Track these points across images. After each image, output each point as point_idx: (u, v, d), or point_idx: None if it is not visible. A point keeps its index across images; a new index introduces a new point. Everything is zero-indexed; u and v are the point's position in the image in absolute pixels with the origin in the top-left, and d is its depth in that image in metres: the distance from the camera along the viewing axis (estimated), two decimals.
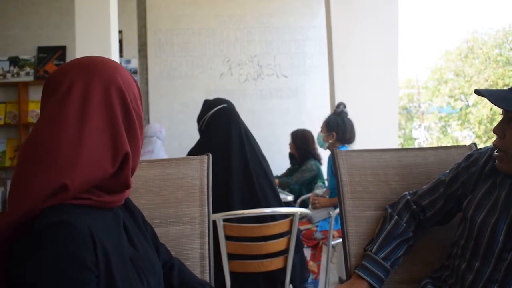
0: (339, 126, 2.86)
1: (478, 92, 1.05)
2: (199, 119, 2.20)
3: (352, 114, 2.95)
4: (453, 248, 1.18)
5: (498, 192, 1.08)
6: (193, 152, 2.09)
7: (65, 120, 0.71)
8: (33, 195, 0.66)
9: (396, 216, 1.25)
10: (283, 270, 1.96)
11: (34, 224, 0.65)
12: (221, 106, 2.15)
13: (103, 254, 0.69)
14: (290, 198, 2.97)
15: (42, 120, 0.73)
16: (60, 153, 0.68)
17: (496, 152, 1.08)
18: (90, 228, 0.68)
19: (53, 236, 0.64)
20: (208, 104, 2.19)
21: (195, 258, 1.22)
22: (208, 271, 1.21)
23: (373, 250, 1.23)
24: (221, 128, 2.10)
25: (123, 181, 0.76)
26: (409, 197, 1.27)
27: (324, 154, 3.61)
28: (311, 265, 2.70)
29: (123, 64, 4.62)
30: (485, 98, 1.05)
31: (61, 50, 4.48)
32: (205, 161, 1.33)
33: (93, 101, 0.73)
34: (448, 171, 1.25)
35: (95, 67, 0.77)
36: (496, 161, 1.08)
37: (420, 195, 1.26)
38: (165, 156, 3.77)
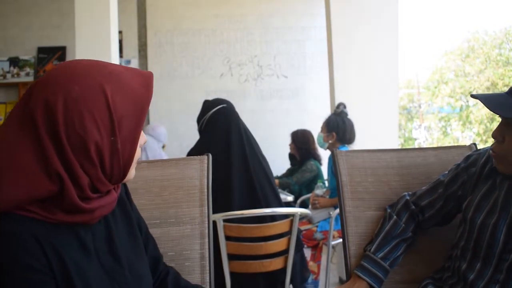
0: (339, 126, 2.86)
1: (474, 96, 1.03)
2: (199, 120, 2.19)
3: (352, 114, 2.95)
4: (453, 249, 1.18)
5: (497, 193, 1.08)
6: (193, 152, 2.09)
7: (5, 135, 0.71)
8: None
9: (395, 217, 1.25)
10: (283, 270, 1.96)
11: None
12: (221, 106, 2.15)
13: (57, 259, 0.69)
14: (290, 198, 2.97)
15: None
16: None
17: (494, 155, 1.06)
18: (36, 236, 0.67)
19: None
20: (207, 105, 2.19)
21: (195, 259, 1.22)
22: (208, 272, 1.21)
23: (372, 250, 1.23)
24: (220, 128, 2.10)
25: (68, 203, 0.70)
26: (408, 198, 1.27)
27: (324, 154, 3.61)
28: (311, 265, 2.70)
29: (123, 65, 4.61)
30: None
31: (61, 51, 4.49)
32: (205, 162, 1.33)
33: (25, 117, 0.71)
34: (447, 172, 1.25)
35: (47, 78, 0.73)
36: (497, 164, 1.07)
37: (419, 196, 1.26)
38: (165, 157, 3.77)
